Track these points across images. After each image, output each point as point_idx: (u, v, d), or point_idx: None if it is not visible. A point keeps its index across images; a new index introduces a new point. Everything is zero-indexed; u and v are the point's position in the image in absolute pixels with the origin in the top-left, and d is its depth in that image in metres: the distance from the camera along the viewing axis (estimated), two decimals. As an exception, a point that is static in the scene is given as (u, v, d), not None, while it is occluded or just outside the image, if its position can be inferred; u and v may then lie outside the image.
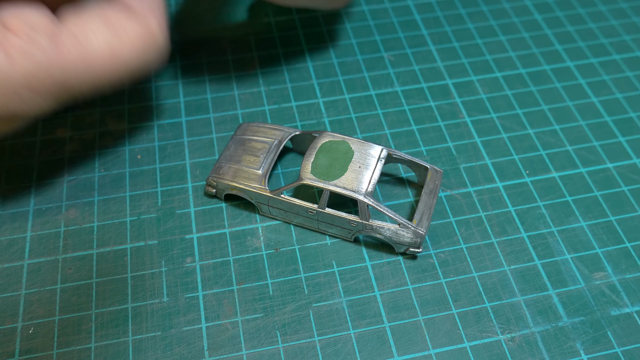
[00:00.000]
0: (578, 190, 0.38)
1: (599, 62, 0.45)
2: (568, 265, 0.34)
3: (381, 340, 0.31)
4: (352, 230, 0.34)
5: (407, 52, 0.46)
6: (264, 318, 0.32)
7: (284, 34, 0.47)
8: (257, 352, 0.31)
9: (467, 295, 0.33)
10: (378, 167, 0.34)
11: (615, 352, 0.31)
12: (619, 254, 0.35)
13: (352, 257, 0.35)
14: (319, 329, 0.32)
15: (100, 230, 0.35)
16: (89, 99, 0.40)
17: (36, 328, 0.32)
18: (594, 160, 0.39)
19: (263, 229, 0.36)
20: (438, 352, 0.31)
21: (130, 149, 0.39)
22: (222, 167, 0.36)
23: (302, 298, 0.33)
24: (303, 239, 0.35)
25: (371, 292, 0.33)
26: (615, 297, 0.33)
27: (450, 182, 0.38)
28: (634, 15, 0.49)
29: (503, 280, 0.34)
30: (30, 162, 0.39)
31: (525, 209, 0.37)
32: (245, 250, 0.35)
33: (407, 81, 0.44)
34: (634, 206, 0.37)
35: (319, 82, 0.43)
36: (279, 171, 0.38)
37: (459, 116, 0.41)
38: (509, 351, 0.31)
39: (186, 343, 0.31)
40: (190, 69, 0.44)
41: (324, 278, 0.34)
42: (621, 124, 0.41)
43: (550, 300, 0.33)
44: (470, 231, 0.36)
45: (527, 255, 0.35)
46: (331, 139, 0.35)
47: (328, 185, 0.33)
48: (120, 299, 0.33)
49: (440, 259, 0.35)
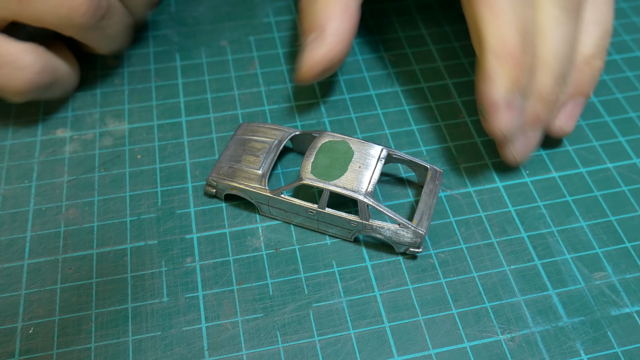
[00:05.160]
0: (578, 190, 0.38)
1: (599, 62, 0.45)
2: (568, 265, 0.34)
3: (381, 340, 0.31)
4: (352, 230, 0.34)
5: (407, 52, 0.46)
6: (264, 318, 0.32)
7: (284, 34, 0.47)
8: (257, 352, 0.31)
9: (467, 295, 0.33)
10: (378, 167, 0.34)
11: (615, 352, 0.31)
12: (619, 254, 0.35)
13: (352, 257, 0.35)
14: (319, 329, 0.32)
15: (100, 230, 0.35)
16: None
17: (36, 328, 0.32)
18: (594, 160, 0.39)
19: (263, 229, 0.36)
20: (438, 352, 0.31)
21: (130, 149, 0.39)
22: (222, 167, 0.36)
23: (302, 298, 0.33)
24: (303, 239, 0.35)
25: (371, 292, 0.33)
26: (615, 297, 0.33)
27: (450, 182, 0.38)
28: (634, 15, 0.49)
29: (503, 280, 0.34)
30: (30, 162, 0.39)
31: (525, 209, 0.37)
32: (245, 250, 0.35)
33: (407, 81, 0.44)
34: (634, 206, 0.37)
35: (319, 82, 0.43)
36: (279, 171, 0.38)
37: (459, 116, 0.41)
38: (509, 351, 0.31)
39: (186, 343, 0.31)
40: (190, 69, 0.44)
41: (324, 278, 0.34)
42: (621, 124, 0.41)
43: (550, 300, 0.33)
44: (470, 231, 0.36)
45: (527, 255, 0.35)
46: (331, 139, 0.35)
47: (328, 185, 0.33)
48: (120, 299, 0.33)
49: (440, 259, 0.35)
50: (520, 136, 0.34)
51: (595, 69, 0.36)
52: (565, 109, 0.36)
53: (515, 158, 0.35)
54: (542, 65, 0.33)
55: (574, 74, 0.35)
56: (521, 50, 0.31)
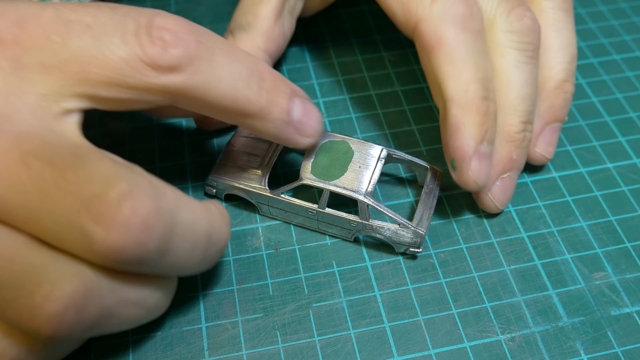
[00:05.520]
0: (578, 190, 0.38)
1: (599, 62, 0.45)
2: (568, 265, 0.34)
3: (381, 340, 0.31)
4: (352, 230, 0.34)
5: (407, 52, 0.46)
6: (264, 318, 0.32)
7: (284, 34, 0.47)
8: (257, 352, 0.31)
9: (467, 295, 0.33)
10: (378, 167, 0.34)
11: (615, 352, 0.31)
12: (619, 254, 0.35)
13: (352, 257, 0.35)
14: (319, 329, 0.32)
15: (100, 230, 0.35)
16: None
17: (36, 328, 0.32)
18: (594, 160, 0.39)
19: (263, 229, 0.36)
20: (438, 352, 0.31)
21: (130, 149, 0.39)
22: (222, 167, 0.36)
23: (302, 298, 0.33)
24: (303, 239, 0.35)
25: (371, 292, 0.33)
26: (615, 297, 0.33)
27: (450, 182, 0.38)
28: (634, 15, 0.49)
29: (503, 280, 0.34)
30: (30, 162, 0.39)
31: (525, 209, 0.37)
32: (245, 250, 0.35)
33: (407, 81, 0.44)
34: (634, 206, 0.37)
35: (319, 82, 0.43)
36: (279, 171, 0.38)
37: (459, 116, 0.41)
38: (509, 351, 0.31)
39: (186, 343, 0.31)
40: (190, 69, 0.44)
41: (324, 278, 0.34)
42: (621, 124, 0.41)
43: (550, 300, 0.33)
44: (470, 231, 0.36)
45: (527, 255, 0.35)
46: (331, 139, 0.35)
47: (328, 185, 0.33)
48: (120, 299, 0.33)
49: (440, 259, 0.35)
50: (497, 181, 0.34)
51: (568, 93, 0.37)
52: (544, 136, 0.37)
53: (495, 204, 0.35)
54: (509, 109, 0.34)
55: (548, 100, 0.36)
56: (483, 98, 0.32)
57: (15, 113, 0.24)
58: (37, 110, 0.25)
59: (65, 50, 0.25)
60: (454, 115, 0.32)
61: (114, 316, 0.25)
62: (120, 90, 0.26)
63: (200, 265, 0.28)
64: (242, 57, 0.29)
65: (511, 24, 0.34)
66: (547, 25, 0.37)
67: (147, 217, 0.23)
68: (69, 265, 0.24)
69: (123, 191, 0.23)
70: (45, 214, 0.23)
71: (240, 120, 0.30)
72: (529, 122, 0.34)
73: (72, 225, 0.23)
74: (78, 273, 0.24)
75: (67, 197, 0.23)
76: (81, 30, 0.25)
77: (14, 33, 0.25)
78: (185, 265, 0.27)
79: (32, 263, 0.23)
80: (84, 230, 0.23)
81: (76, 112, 0.26)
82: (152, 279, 0.27)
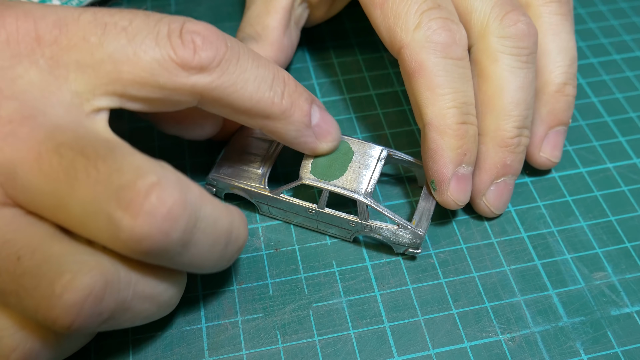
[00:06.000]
0: (578, 190, 0.38)
1: (599, 62, 0.45)
2: (568, 265, 0.34)
3: (381, 340, 0.31)
4: (351, 231, 0.34)
5: (407, 52, 0.46)
6: (264, 318, 0.32)
7: (284, 34, 0.47)
8: (257, 352, 0.31)
9: (467, 295, 0.33)
10: (378, 167, 0.34)
11: (615, 352, 0.31)
12: (619, 254, 0.35)
13: (352, 257, 0.35)
14: (319, 329, 0.32)
15: (100, 230, 0.35)
16: None
17: (36, 328, 0.32)
18: (594, 160, 0.39)
19: (263, 229, 0.36)
20: (438, 352, 0.31)
21: (130, 149, 0.39)
22: (222, 166, 0.36)
23: (302, 298, 0.33)
24: (303, 239, 0.35)
25: (371, 292, 0.33)
26: (615, 297, 0.33)
27: (450, 182, 0.38)
28: (634, 15, 0.49)
29: (503, 280, 0.34)
30: (30, 162, 0.39)
31: (525, 209, 0.37)
32: (245, 250, 0.35)
33: (407, 81, 0.44)
34: (634, 206, 0.37)
35: (319, 82, 0.43)
36: (278, 171, 0.38)
37: (459, 116, 0.41)
38: (509, 351, 0.31)
39: (186, 343, 0.31)
40: (190, 69, 0.44)
41: (324, 278, 0.34)
42: (621, 124, 0.41)
43: (550, 300, 0.33)
44: (470, 231, 0.36)
45: (527, 255, 0.35)
46: (331, 139, 0.35)
47: (327, 186, 0.33)
48: (120, 299, 0.33)
49: (440, 259, 0.35)
50: (492, 186, 0.34)
51: (569, 96, 0.37)
52: (548, 140, 0.37)
53: (490, 209, 0.35)
54: (502, 114, 0.34)
55: (549, 104, 0.37)
56: (460, 123, 0.32)
57: (50, 107, 0.25)
58: (71, 107, 0.26)
59: (101, 50, 0.26)
60: (432, 139, 0.33)
61: (129, 310, 0.26)
62: (150, 90, 0.27)
63: (217, 263, 0.28)
64: (266, 62, 0.30)
65: (504, 29, 0.34)
66: (545, 29, 0.37)
67: (173, 207, 0.24)
68: (89, 256, 0.24)
69: (152, 182, 0.23)
70: (74, 201, 0.24)
71: (261, 123, 0.30)
72: (524, 127, 0.34)
73: (100, 212, 0.23)
74: (98, 265, 0.24)
75: (97, 185, 0.23)
76: (117, 33, 0.27)
77: (53, 34, 0.26)
78: (204, 261, 0.27)
79: (54, 253, 0.24)
80: (111, 217, 0.23)
81: (106, 110, 0.27)
82: (167, 276, 0.28)
